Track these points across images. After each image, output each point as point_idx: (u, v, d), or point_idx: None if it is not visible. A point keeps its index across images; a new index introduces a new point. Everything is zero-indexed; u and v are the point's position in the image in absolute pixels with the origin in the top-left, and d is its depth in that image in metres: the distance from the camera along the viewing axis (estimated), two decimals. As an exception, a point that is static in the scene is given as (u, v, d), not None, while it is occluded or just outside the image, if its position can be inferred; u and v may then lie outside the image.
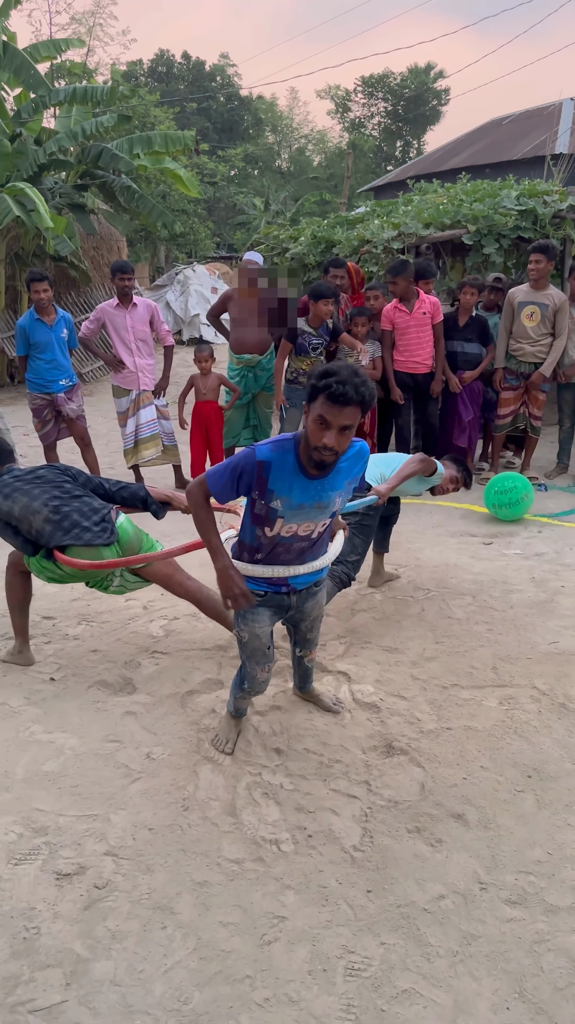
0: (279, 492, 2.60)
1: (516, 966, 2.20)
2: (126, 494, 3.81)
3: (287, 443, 2.59)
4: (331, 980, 2.18)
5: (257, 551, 2.79)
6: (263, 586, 2.87)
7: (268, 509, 2.63)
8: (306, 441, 2.51)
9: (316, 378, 2.42)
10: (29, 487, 3.56)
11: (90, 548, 3.48)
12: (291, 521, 2.67)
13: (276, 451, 2.58)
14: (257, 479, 2.59)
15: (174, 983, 2.18)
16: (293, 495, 2.61)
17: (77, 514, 3.52)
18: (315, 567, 2.87)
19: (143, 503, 3.78)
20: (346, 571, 4.00)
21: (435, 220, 7.78)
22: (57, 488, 3.60)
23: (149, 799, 2.89)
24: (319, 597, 3.07)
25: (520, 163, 17.55)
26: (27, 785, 2.99)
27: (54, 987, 2.18)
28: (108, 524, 3.55)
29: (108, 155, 11.74)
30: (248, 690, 3.08)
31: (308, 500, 2.63)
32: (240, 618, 2.94)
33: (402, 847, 2.64)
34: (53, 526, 3.46)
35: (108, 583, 3.69)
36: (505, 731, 3.25)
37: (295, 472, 2.58)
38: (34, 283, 6.39)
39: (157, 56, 45.07)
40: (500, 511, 5.83)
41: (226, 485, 2.64)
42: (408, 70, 45.08)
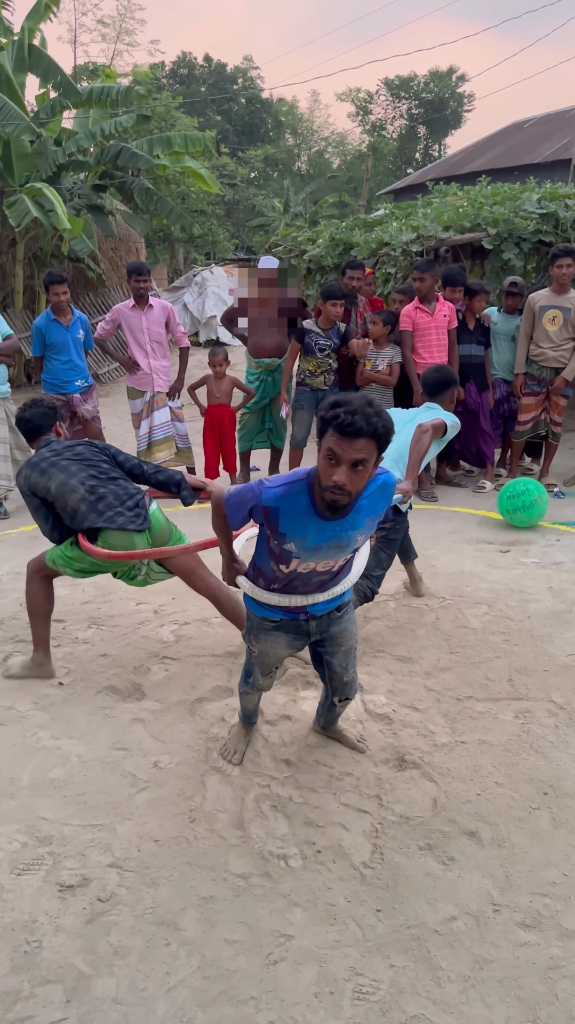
0: (292, 535, 2.42)
1: (530, 993, 2.13)
2: (162, 477, 3.76)
3: (299, 484, 2.38)
4: (338, 1004, 2.11)
5: (273, 582, 2.64)
6: (279, 613, 2.73)
7: (282, 550, 2.47)
8: (319, 480, 2.31)
9: (324, 409, 2.21)
10: (67, 463, 3.53)
11: (123, 533, 3.45)
12: (308, 561, 2.51)
13: (285, 495, 2.38)
14: (266, 521, 2.45)
15: (177, 1003, 2.12)
16: (308, 538, 2.42)
17: (112, 496, 3.49)
18: (335, 593, 2.68)
19: (177, 486, 3.74)
20: (370, 586, 3.92)
21: (455, 223, 7.70)
22: (94, 468, 3.57)
23: (155, 810, 2.84)
24: (346, 624, 2.85)
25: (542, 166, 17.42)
26: (32, 792, 2.95)
27: (54, 1004, 2.13)
28: (142, 510, 3.53)
29: (128, 154, 11.73)
30: (252, 684, 2.99)
31: (325, 541, 2.44)
32: (253, 635, 2.84)
33: (413, 865, 2.57)
34: (88, 506, 3.43)
35: (136, 572, 3.65)
36: (521, 746, 3.17)
37: (309, 515, 2.38)
38: (53, 285, 6.37)
39: (179, 59, 45.22)
40: (514, 516, 5.73)
41: (239, 515, 2.52)
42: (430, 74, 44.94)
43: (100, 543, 3.48)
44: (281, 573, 2.58)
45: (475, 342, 6.62)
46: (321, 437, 2.24)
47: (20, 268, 12.01)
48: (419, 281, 6.29)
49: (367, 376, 6.52)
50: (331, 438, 2.19)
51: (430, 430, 3.82)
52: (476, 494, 6.69)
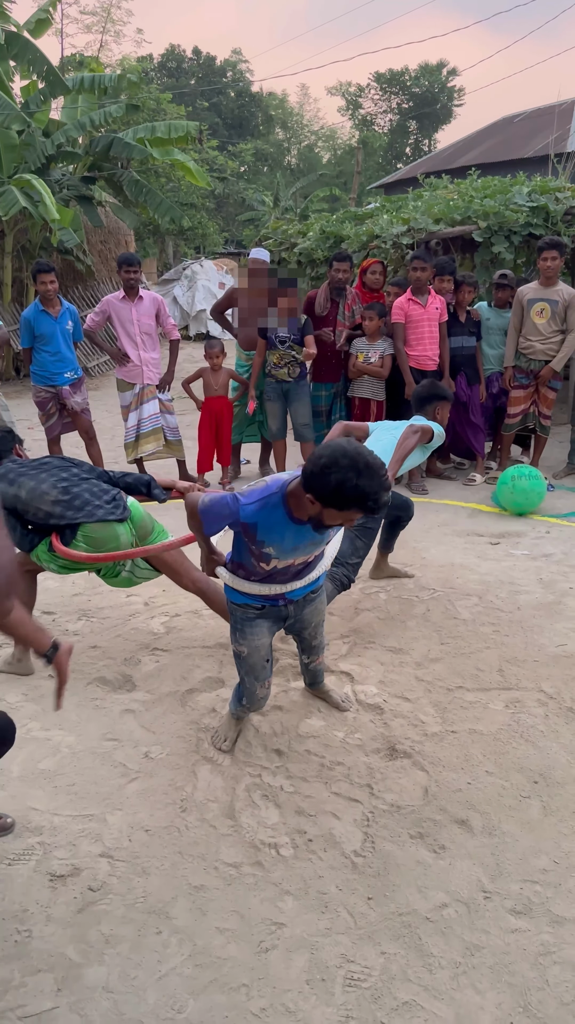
0: (270, 541, 2.53)
1: (520, 979, 2.14)
2: (130, 480, 3.75)
3: (274, 498, 2.46)
4: (330, 990, 2.11)
5: (253, 574, 2.74)
6: (260, 600, 2.82)
7: (262, 553, 2.58)
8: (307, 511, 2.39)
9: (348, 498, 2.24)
10: (35, 472, 3.49)
11: (104, 524, 3.42)
12: (286, 559, 2.63)
13: (262, 510, 2.46)
14: (245, 533, 2.54)
15: (168, 991, 2.12)
16: (285, 542, 2.55)
17: (88, 494, 3.46)
18: (311, 578, 2.83)
19: (147, 487, 3.72)
20: (346, 573, 3.93)
21: (445, 216, 7.69)
22: (64, 471, 3.54)
23: (146, 800, 2.83)
24: (318, 603, 3.01)
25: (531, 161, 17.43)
26: (23, 783, 2.94)
27: (45, 993, 2.12)
28: (120, 501, 3.51)
29: (120, 144, 11.65)
30: (247, 706, 3.04)
31: (302, 541, 2.57)
32: (238, 632, 2.89)
33: (404, 853, 2.58)
34: (63, 506, 3.40)
35: (119, 569, 3.63)
36: (511, 735, 3.18)
37: (285, 523, 2.49)
38: (40, 274, 6.33)
39: (167, 51, 44.99)
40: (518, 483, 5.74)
41: (216, 526, 2.60)
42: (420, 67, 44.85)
43: (80, 538, 3.43)
44: (262, 569, 2.67)
45: (466, 334, 6.63)
46: (333, 507, 2.30)
47: (9, 260, 11.94)
48: (420, 271, 6.27)
49: (359, 368, 6.51)
50: (354, 514, 2.33)
51: (419, 432, 3.98)
52: (466, 487, 6.70)
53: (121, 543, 3.52)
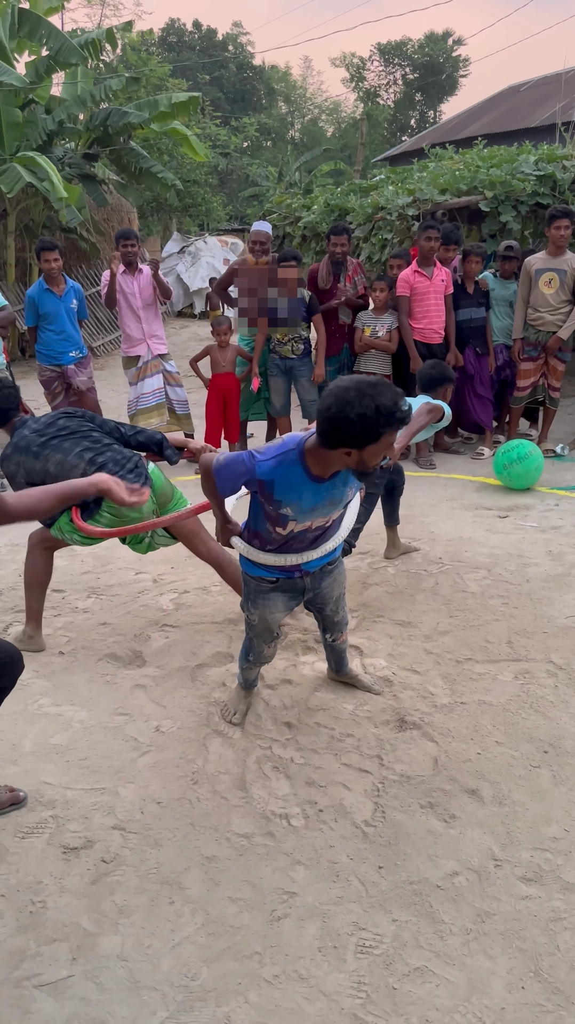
0: (288, 501, 2.47)
1: (531, 944, 2.15)
2: (142, 438, 3.74)
3: (291, 454, 2.40)
4: (342, 957, 2.13)
5: (268, 543, 2.68)
6: (275, 573, 2.78)
7: (279, 515, 2.52)
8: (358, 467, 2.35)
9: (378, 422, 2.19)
10: (58, 442, 3.47)
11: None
12: (304, 521, 2.57)
13: (279, 467, 2.40)
14: (261, 492, 2.48)
15: (182, 959, 2.14)
16: (303, 501, 2.48)
17: (112, 463, 3.46)
18: (328, 549, 2.77)
19: (158, 447, 3.72)
20: (348, 539, 3.93)
21: (451, 186, 7.60)
22: (86, 439, 3.53)
23: (158, 773, 2.85)
24: (336, 575, 2.95)
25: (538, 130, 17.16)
26: (35, 758, 2.96)
27: (60, 962, 2.15)
28: (142, 470, 3.52)
29: (117, 114, 11.51)
30: (254, 662, 3.05)
31: (320, 500, 2.51)
32: (251, 601, 2.88)
33: (415, 823, 2.59)
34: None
35: (142, 536, 3.64)
36: (520, 706, 3.18)
37: (303, 481, 2.43)
38: (44, 252, 6.29)
39: (167, 25, 44.33)
40: (511, 470, 5.68)
41: (232, 485, 2.53)
42: (425, 37, 44.08)
43: (105, 508, 3.46)
44: (278, 535, 2.61)
45: (475, 305, 6.57)
46: (368, 443, 2.24)
47: (12, 240, 11.87)
48: (434, 240, 6.20)
49: (367, 342, 6.47)
50: (391, 436, 2.26)
51: (432, 411, 3.99)
52: (474, 460, 6.67)
53: (143, 512, 3.52)
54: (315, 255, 9.27)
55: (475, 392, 6.66)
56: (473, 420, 6.83)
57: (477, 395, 6.69)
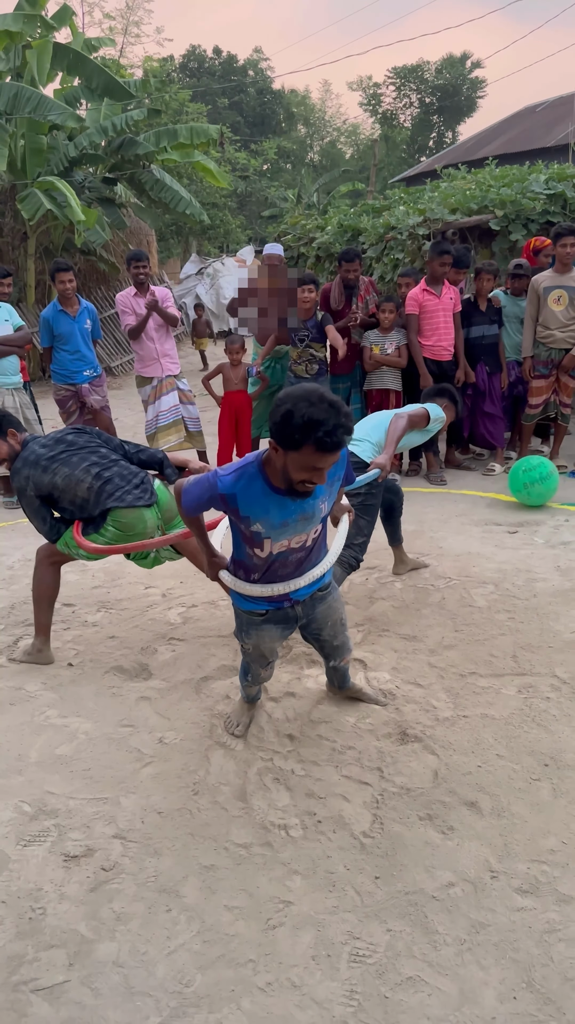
0: (255, 516, 2.45)
1: (525, 956, 2.15)
2: (144, 456, 3.82)
3: (250, 467, 2.41)
4: (335, 966, 2.14)
5: (253, 571, 2.67)
6: (264, 605, 2.78)
7: (251, 532, 2.51)
8: (282, 473, 2.32)
9: (298, 428, 2.12)
10: (66, 456, 3.57)
11: (133, 509, 3.51)
12: (279, 539, 2.54)
13: (239, 480, 2.41)
14: (226, 508, 2.48)
15: (176, 965, 2.17)
16: (271, 515, 2.46)
17: (118, 478, 3.56)
18: (315, 575, 2.73)
19: (159, 465, 3.79)
20: (353, 554, 3.97)
21: (462, 205, 7.67)
22: (94, 454, 3.62)
23: (160, 783, 2.88)
24: (330, 601, 2.91)
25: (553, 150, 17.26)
26: (40, 768, 3.00)
27: (57, 967, 2.17)
28: (148, 485, 3.61)
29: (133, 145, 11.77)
30: (252, 681, 3.08)
31: (290, 516, 2.48)
32: (244, 632, 2.89)
33: (413, 834, 2.60)
34: (96, 493, 3.51)
35: (146, 552, 3.71)
36: (523, 719, 3.18)
37: (266, 495, 2.42)
38: (59, 273, 6.42)
39: (188, 52, 45.13)
40: (531, 489, 5.67)
41: (198, 504, 2.56)
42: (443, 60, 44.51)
43: (110, 522, 3.54)
44: (259, 559, 2.60)
45: (487, 322, 6.61)
46: (290, 449, 2.20)
47: (32, 263, 12.10)
48: (447, 265, 6.27)
49: (377, 359, 6.52)
50: (313, 456, 2.18)
51: (405, 417, 3.94)
52: (486, 477, 6.68)
53: (148, 527, 3.60)
54: (329, 275, 9.37)
55: (486, 409, 6.68)
56: (484, 436, 6.85)
57: (488, 412, 6.71)
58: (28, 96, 9.99)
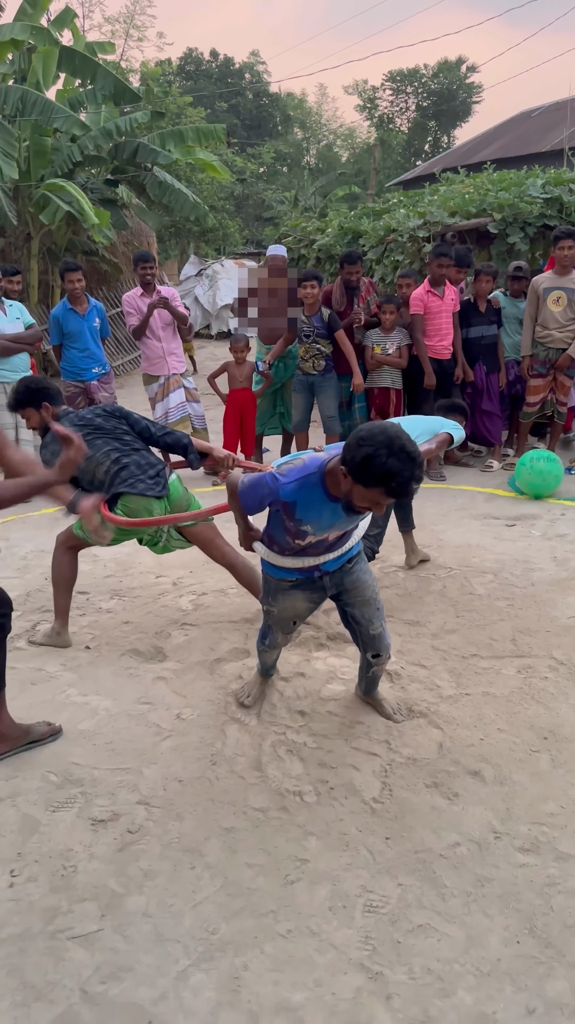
0: (308, 519, 2.61)
1: (527, 906, 2.31)
2: (170, 440, 3.95)
3: (312, 477, 2.53)
4: (350, 915, 2.30)
5: (287, 550, 2.82)
6: (294, 574, 2.92)
7: (298, 530, 2.65)
8: (344, 493, 2.45)
9: (374, 475, 2.26)
10: (91, 438, 3.71)
11: (143, 498, 3.66)
12: (322, 533, 2.69)
13: (301, 489, 2.54)
14: (284, 511, 2.62)
15: (202, 916, 2.32)
16: (323, 519, 2.61)
17: (135, 466, 3.71)
18: (344, 549, 2.88)
19: (184, 450, 3.92)
20: (369, 545, 4.13)
21: (461, 208, 7.85)
22: (117, 440, 3.77)
23: (179, 755, 3.04)
24: (358, 573, 3.00)
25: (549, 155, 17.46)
26: (64, 742, 3.15)
27: (90, 918, 2.33)
28: (161, 479, 3.74)
29: (145, 151, 11.92)
30: (269, 645, 3.21)
31: (339, 518, 2.62)
32: (271, 596, 3.03)
33: (420, 800, 2.76)
34: (112, 476, 3.66)
35: (158, 539, 3.85)
36: (523, 697, 3.35)
37: (323, 501, 2.55)
38: (68, 273, 6.58)
39: (185, 55, 45.31)
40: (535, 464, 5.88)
41: (255, 505, 2.70)
42: (438, 65, 44.79)
43: (120, 508, 3.69)
44: (296, 545, 2.76)
45: (487, 323, 6.79)
46: (362, 484, 2.32)
47: (35, 263, 12.23)
48: (447, 268, 6.44)
49: (378, 359, 6.68)
50: (380, 496, 2.33)
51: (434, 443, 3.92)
52: (483, 473, 6.85)
53: (155, 515, 3.74)
54: (330, 276, 9.53)
55: (484, 407, 6.86)
56: (483, 434, 7.02)
57: (486, 410, 6.88)
58: (34, 101, 10.14)
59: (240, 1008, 2.03)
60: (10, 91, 10.23)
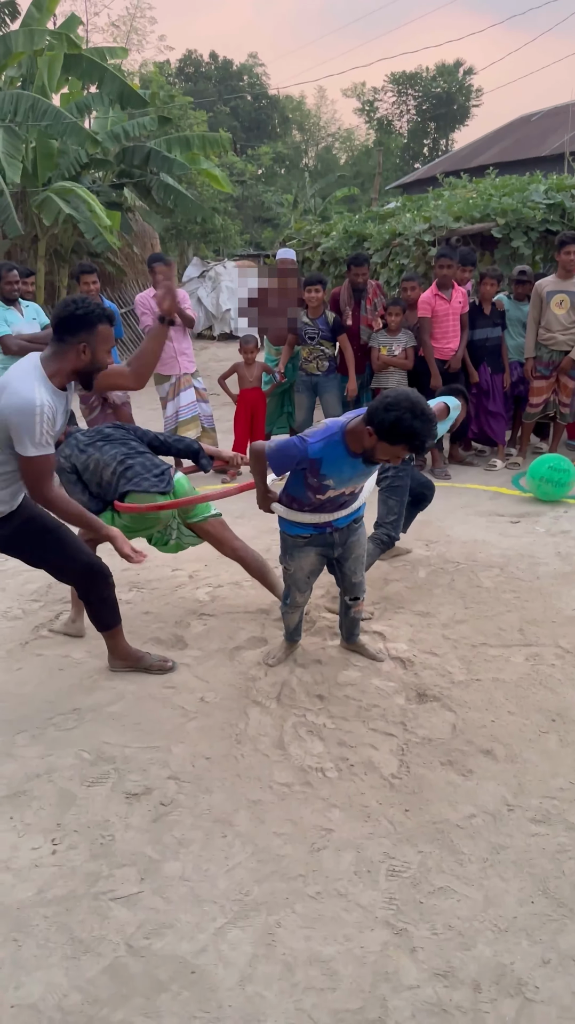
0: (331, 474, 3.02)
1: (540, 870, 2.47)
2: (181, 446, 4.15)
3: (335, 435, 2.94)
4: (374, 879, 2.46)
5: (306, 506, 3.18)
6: (309, 529, 3.30)
7: (321, 485, 3.05)
8: (366, 448, 2.88)
9: (402, 434, 2.72)
10: (101, 444, 3.89)
11: (148, 495, 3.81)
12: (341, 487, 3.10)
13: (327, 447, 2.94)
14: (310, 469, 3.00)
15: (235, 879, 2.47)
16: (344, 473, 3.03)
17: (140, 467, 3.86)
18: (354, 507, 3.34)
19: (195, 455, 4.09)
20: (387, 532, 4.30)
21: (465, 213, 8.02)
22: (125, 446, 3.93)
23: (205, 734, 3.19)
24: (359, 534, 3.47)
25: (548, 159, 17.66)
26: (94, 723, 3.30)
27: (131, 881, 2.48)
28: (167, 476, 3.89)
29: (158, 158, 12.09)
30: (291, 605, 3.55)
31: (357, 471, 3.06)
32: (288, 555, 3.42)
33: (436, 776, 2.91)
34: (119, 477, 3.81)
35: (167, 537, 4.00)
36: (531, 682, 3.51)
37: (344, 456, 2.96)
38: (83, 275, 6.73)
39: (185, 57, 45.48)
40: (542, 486, 5.99)
41: (284, 466, 3.07)
42: (437, 68, 45.06)
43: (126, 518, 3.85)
44: (316, 500, 3.14)
45: (491, 325, 6.96)
46: (388, 441, 2.77)
47: (42, 264, 12.38)
48: (447, 268, 6.60)
49: (384, 360, 6.85)
50: (402, 451, 2.81)
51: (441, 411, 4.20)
52: (487, 471, 7.02)
53: (161, 515, 3.89)
54: (335, 279, 9.70)
55: (489, 407, 7.02)
56: (487, 434, 7.19)
57: (491, 411, 7.05)
58: (44, 108, 10.30)
59: (275, 960, 2.19)
60: (21, 98, 10.39)
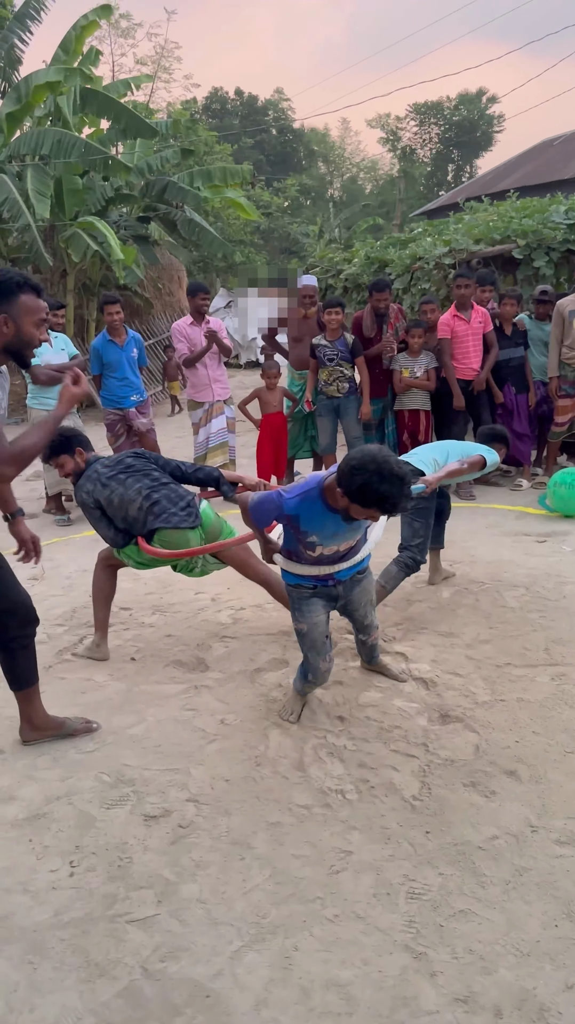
0: (313, 530, 2.96)
1: (564, 893, 2.40)
2: (201, 475, 4.16)
3: (312, 492, 2.88)
4: (394, 902, 2.41)
5: (303, 561, 3.15)
6: (312, 581, 3.21)
7: (306, 541, 3.01)
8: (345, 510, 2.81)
9: (370, 499, 2.63)
10: (123, 476, 3.92)
11: (178, 531, 3.82)
12: (330, 544, 3.05)
13: (303, 503, 2.89)
14: (289, 524, 2.99)
15: (253, 902, 2.44)
16: (326, 530, 2.96)
17: (166, 500, 3.88)
18: (356, 560, 3.24)
19: (216, 483, 4.11)
20: (411, 556, 4.27)
21: (485, 236, 8.04)
22: (147, 477, 3.96)
23: (225, 756, 3.17)
24: (365, 584, 3.39)
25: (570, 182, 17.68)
26: (115, 746, 3.30)
27: (147, 903, 2.46)
28: (193, 508, 3.90)
29: (175, 189, 12.35)
30: (312, 681, 3.35)
31: (342, 528, 2.98)
32: (298, 611, 3.27)
33: (458, 797, 2.86)
34: (145, 512, 3.84)
35: (193, 565, 4.02)
36: (556, 702, 3.44)
37: (325, 513, 2.89)
38: (108, 305, 6.87)
39: (211, 94, 46.49)
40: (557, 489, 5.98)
41: (264, 520, 3.05)
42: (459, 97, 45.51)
43: (157, 541, 3.87)
44: (309, 556, 3.09)
45: (513, 345, 6.94)
46: (358, 503, 2.68)
47: (71, 298, 12.64)
48: (464, 288, 6.62)
49: (407, 383, 6.85)
50: (374, 513, 2.72)
51: (466, 463, 4.17)
52: (513, 491, 6.96)
53: (191, 547, 3.91)
54: (357, 304, 9.76)
55: (513, 428, 6.98)
56: (512, 453, 7.13)
57: (516, 431, 7.00)
58: (72, 142, 10.59)
59: (292, 984, 2.15)
60: (47, 134, 10.67)
